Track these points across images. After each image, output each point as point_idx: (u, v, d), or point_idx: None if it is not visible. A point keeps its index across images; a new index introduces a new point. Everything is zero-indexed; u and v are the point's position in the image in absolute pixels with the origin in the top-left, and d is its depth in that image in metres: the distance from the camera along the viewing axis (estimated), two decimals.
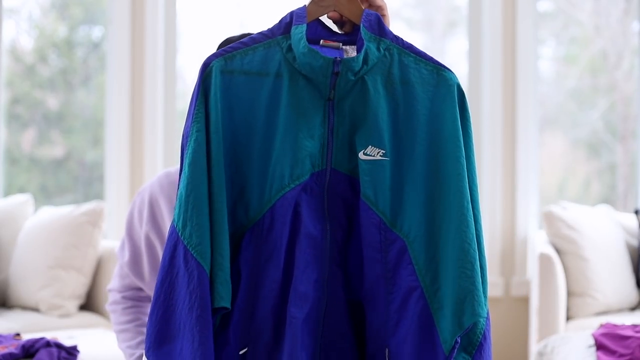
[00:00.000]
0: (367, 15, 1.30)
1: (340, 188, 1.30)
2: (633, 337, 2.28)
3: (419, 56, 1.31)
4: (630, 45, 4.09)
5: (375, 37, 1.30)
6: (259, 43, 1.30)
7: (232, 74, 1.28)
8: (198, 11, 4.13)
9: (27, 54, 4.16)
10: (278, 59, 1.29)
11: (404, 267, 1.27)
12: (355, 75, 1.28)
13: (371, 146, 1.28)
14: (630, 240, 3.48)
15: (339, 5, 1.33)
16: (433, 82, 1.30)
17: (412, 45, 1.33)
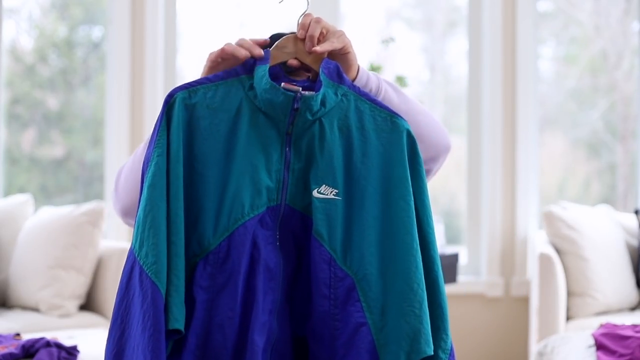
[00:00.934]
0: (326, 63, 1.37)
1: (292, 224, 1.35)
2: (633, 337, 2.28)
3: (374, 104, 1.38)
4: (630, 45, 4.09)
5: (334, 83, 1.36)
6: (222, 80, 1.36)
7: (195, 107, 1.33)
8: (198, 11, 4.13)
9: (27, 54, 4.16)
10: (240, 96, 1.35)
11: (352, 303, 1.30)
12: (313, 115, 1.33)
13: (325, 185, 1.33)
14: (630, 240, 3.48)
15: (300, 52, 1.40)
16: (386, 129, 1.36)
17: (368, 93, 1.40)
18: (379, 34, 4.07)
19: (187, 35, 4.12)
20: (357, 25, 4.17)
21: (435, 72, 4.36)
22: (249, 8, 4.21)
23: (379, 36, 3.54)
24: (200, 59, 1.48)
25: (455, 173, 4.19)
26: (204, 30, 4.18)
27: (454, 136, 4.26)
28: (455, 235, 4.08)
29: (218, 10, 4.16)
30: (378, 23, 4.27)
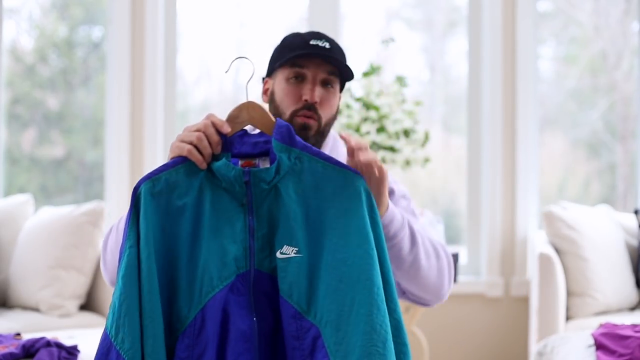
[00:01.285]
0: (278, 128, 1.46)
1: (263, 286, 1.44)
2: (633, 337, 2.28)
3: (327, 162, 1.46)
4: (629, 45, 4.09)
5: (286, 147, 1.45)
6: (181, 164, 1.45)
7: (160, 194, 1.43)
8: (198, 11, 4.13)
9: (28, 54, 4.16)
10: (200, 176, 1.45)
11: (319, 350, 1.40)
12: (269, 183, 1.44)
13: (286, 245, 1.43)
14: (629, 240, 3.48)
15: (252, 120, 1.49)
16: (340, 184, 1.45)
17: (320, 151, 1.47)
18: (379, 34, 4.08)
19: (187, 35, 4.12)
20: (357, 25, 4.17)
21: (435, 72, 4.36)
22: (249, 8, 4.21)
23: (379, 36, 3.55)
24: (200, 59, 1.49)
25: (455, 173, 4.19)
26: (204, 31, 4.18)
27: (454, 136, 4.27)
28: (455, 235, 4.09)
29: (218, 10, 4.16)
30: (378, 23, 4.27)
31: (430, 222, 3.15)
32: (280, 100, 1.72)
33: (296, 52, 1.68)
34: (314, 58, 1.69)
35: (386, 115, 3.17)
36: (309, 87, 1.69)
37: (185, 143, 1.44)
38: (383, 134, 3.17)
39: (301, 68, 1.70)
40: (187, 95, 4.23)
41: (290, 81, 1.71)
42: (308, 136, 1.69)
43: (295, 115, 1.69)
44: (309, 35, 1.72)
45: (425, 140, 3.24)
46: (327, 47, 1.69)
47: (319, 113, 1.70)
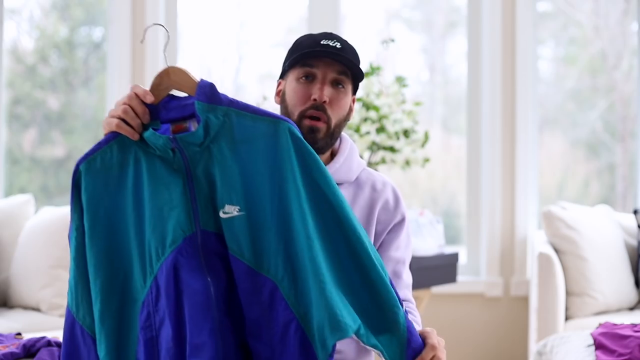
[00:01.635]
0: (201, 88, 1.45)
1: (212, 245, 1.45)
2: (632, 337, 2.29)
3: (255, 113, 1.45)
4: (629, 45, 4.10)
5: (212, 105, 1.44)
6: (114, 139, 1.46)
7: (98, 173, 1.46)
8: (198, 12, 4.14)
9: (28, 55, 4.17)
10: (134, 148, 1.46)
11: (278, 303, 1.41)
12: (201, 145, 1.44)
13: (227, 205, 1.43)
14: (629, 240, 3.49)
15: (176, 84, 1.48)
16: (272, 133, 1.45)
17: (248, 105, 1.46)
18: (379, 34, 4.08)
19: (187, 36, 4.13)
20: (357, 25, 4.17)
21: (435, 73, 4.37)
22: (249, 8, 4.22)
23: (379, 37, 3.55)
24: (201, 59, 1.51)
25: (455, 173, 4.20)
26: (204, 31, 4.19)
27: (454, 136, 4.28)
28: (454, 235, 4.09)
29: (218, 11, 4.17)
30: (378, 24, 4.28)
31: (430, 222, 3.16)
32: (289, 100, 1.71)
33: (306, 50, 1.69)
34: (324, 57, 1.68)
35: (386, 115, 3.18)
36: (318, 87, 1.68)
37: (114, 118, 1.45)
38: (383, 134, 3.18)
39: (311, 67, 1.69)
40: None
41: (300, 81, 1.70)
42: (317, 139, 1.68)
43: (303, 117, 1.69)
44: (321, 35, 1.72)
45: (425, 141, 3.25)
46: (338, 47, 1.68)
47: (328, 113, 1.69)
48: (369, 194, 1.77)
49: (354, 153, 1.80)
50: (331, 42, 1.69)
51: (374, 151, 3.18)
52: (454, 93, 4.24)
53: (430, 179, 4.23)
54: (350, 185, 1.77)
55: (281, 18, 4.20)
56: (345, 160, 1.77)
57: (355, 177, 1.78)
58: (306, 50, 1.69)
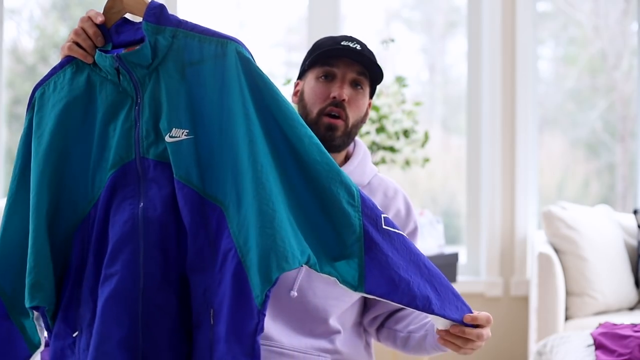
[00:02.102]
0: (150, 10, 1.41)
1: (151, 173, 1.41)
2: (632, 337, 2.29)
3: (203, 34, 1.41)
4: (629, 45, 4.10)
5: (160, 27, 1.40)
6: (68, 64, 1.46)
7: (50, 98, 1.45)
8: (198, 11, 4.14)
9: (28, 55, 4.17)
10: (86, 72, 1.45)
11: (223, 230, 1.35)
12: (149, 67, 1.40)
13: (175, 128, 1.38)
14: (629, 240, 3.49)
15: (127, 7, 1.45)
16: (220, 54, 1.39)
17: (197, 25, 1.42)
18: (379, 34, 4.08)
19: None
20: (357, 25, 4.18)
21: (435, 73, 4.37)
22: (249, 8, 4.22)
23: (378, 37, 3.55)
24: None
25: (454, 173, 4.20)
26: None
27: (454, 136, 4.28)
28: (454, 235, 4.09)
29: (218, 10, 4.17)
30: (378, 24, 4.28)
31: (430, 222, 3.16)
32: (308, 99, 1.73)
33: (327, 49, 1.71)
34: (344, 57, 1.71)
35: (386, 115, 3.18)
36: (338, 85, 1.70)
37: (69, 43, 1.45)
38: (383, 134, 3.18)
39: (331, 67, 1.71)
40: None
41: (320, 80, 1.72)
42: (334, 137, 1.70)
43: (322, 114, 1.70)
44: (341, 37, 1.75)
45: (425, 141, 3.25)
46: (357, 49, 1.70)
47: (347, 111, 1.71)
48: (380, 200, 1.79)
49: (368, 158, 1.82)
50: (351, 43, 1.71)
51: (374, 151, 3.18)
52: (453, 93, 4.25)
53: (430, 179, 4.23)
54: (363, 189, 1.78)
55: (281, 18, 4.20)
56: (359, 163, 1.79)
57: (367, 182, 1.80)
58: (327, 49, 1.71)
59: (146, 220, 1.39)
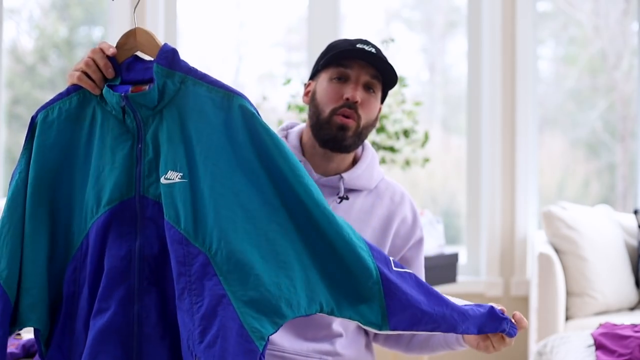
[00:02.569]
0: (163, 53, 1.43)
1: (149, 212, 1.43)
2: (632, 337, 2.28)
3: (211, 85, 1.43)
4: (629, 45, 4.10)
5: (170, 71, 1.43)
6: (75, 92, 1.46)
7: (53, 122, 1.45)
8: (198, 11, 4.13)
9: (28, 55, 4.17)
10: (93, 104, 1.46)
11: (209, 278, 1.36)
12: (154, 109, 1.42)
13: (170, 171, 1.40)
14: (629, 240, 3.48)
15: (140, 46, 1.48)
16: (225, 107, 1.42)
17: (206, 75, 1.44)
18: (379, 34, 4.08)
19: (187, 36, 4.13)
20: (357, 25, 4.17)
21: (435, 73, 4.37)
22: (249, 8, 4.22)
23: (379, 37, 3.55)
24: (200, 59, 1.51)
25: (454, 173, 4.20)
26: (204, 31, 4.19)
27: (454, 136, 4.28)
28: (454, 235, 4.09)
29: (218, 10, 4.17)
30: (378, 24, 4.28)
31: (430, 222, 3.16)
32: (320, 99, 1.73)
33: (342, 53, 1.71)
34: (358, 60, 1.71)
35: (386, 115, 3.18)
36: (352, 87, 1.71)
37: (77, 71, 1.45)
38: (383, 134, 3.18)
39: (345, 68, 1.71)
40: None
41: (333, 81, 1.72)
42: (346, 137, 1.71)
43: (334, 114, 1.71)
44: (356, 40, 1.75)
45: (425, 141, 3.25)
46: (372, 52, 1.71)
47: (360, 113, 1.71)
48: (387, 204, 1.80)
49: (375, 162, 1.83)
50: (366, 46, 1.72)
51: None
52: (453, 93, 4.24)
53: (430, 179, 4.22)
54: (370, 193, 1.79)
55: (281, 18, 4.20)
56: (367, 167, 1.79)
57: (374, 186, 1.80)
58: (341, 50, 1.71)
59: (142, 258, 1.41)
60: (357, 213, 1.76)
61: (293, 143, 1.79)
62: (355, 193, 1.78)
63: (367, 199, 1.79)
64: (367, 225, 1.76)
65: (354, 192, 1.78)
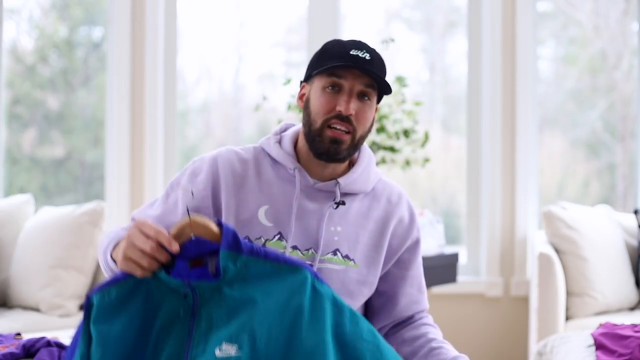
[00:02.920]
0: (225, 236, 1.44)
1: None
2: (632, 337, 2.28)
3: (275, 261, 1.44)
4: (629, 45, 4.10)
5: (233, 253, 1.44)
6: (130, 277, 1.45)
7: (109, 306, 1.45)
8: (198, 11, 4.14)
9: (28, 54, 4.17)
10: (149, 283, 1.45)
11: None
12: (212, 288, 1.43)
13: (226, 343, 1.40)
14: (629, 240, 3.49)
15: (196, 230, 1.46)
16: (288, 281, 1.43)
17: (269, 252, 1.45)
18: (379, 34, 4.08)
19: (187, 36, 4.13)
20: (357, 25, 4.17)
21: (435, 73, 4.37)
22: (249, 8, 4.22)
23: (378, 37, 3.55)
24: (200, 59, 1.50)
25: (455, 173, 4.20)
26: (204, 31, 4.19)
27: (454, 136, 4.28)
28: (455, 235, 4.09)
29: (218, 10, 4.17)
30: (378, 24, 4.28)
31: (430, 222, 3.16)
32: (313, 107, 1.69)
33: (335, 61, 1.65)
34: (353, 69, 1.65)
35: (386, 115, 3.18)
36: (345, 99, 1.66)
37: (136, 265, 1.43)
38: (383, 134, 3.18)
39: (338, 78, 1.66)
40: (187, 95, 4.24)
41: (327, 90, 1.67)
42: (340, 150, 1.67)
43: (326, 126, 1.67)
44: (350, 44, 1.69)
45: (425, 141, 3.25)
46: (367, 59, 1.66)
47: (354, 125, 1.67)
48: (384, 206, 1.77)
49: (372, 163, 1.79)
50: (360, 52, 1.66)
51: (374, 151, 3.18)
52: (453, 93, 4.24)
53: (430, 179, 4.23)
54: (367, 196, 1.76)
55: (281, 18, 4.20)
56: (364, 170, 1.76)
57: (371, 188, 1.77)
58: (335, 59, 1.66)
59: None
60: (354, 217, 1.74)
61: (287, 149, 1.74)
62: (351, 196, 1.75)
63: (363, 201, 1.76)
64: (364, 228, 1.73)
65: (350, 195, 1.75)
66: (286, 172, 1.72)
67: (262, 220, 1.68)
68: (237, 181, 1.71)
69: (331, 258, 1.68)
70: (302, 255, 1.67)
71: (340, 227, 1.71)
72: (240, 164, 1.73)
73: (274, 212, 1.68)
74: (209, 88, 4.32)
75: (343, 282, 1.69)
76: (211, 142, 4.30)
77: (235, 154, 1.75)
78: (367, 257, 1.72)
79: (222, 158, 1.74)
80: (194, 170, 1.75)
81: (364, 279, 1.72)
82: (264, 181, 1.71)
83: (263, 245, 1.65)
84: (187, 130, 4.29)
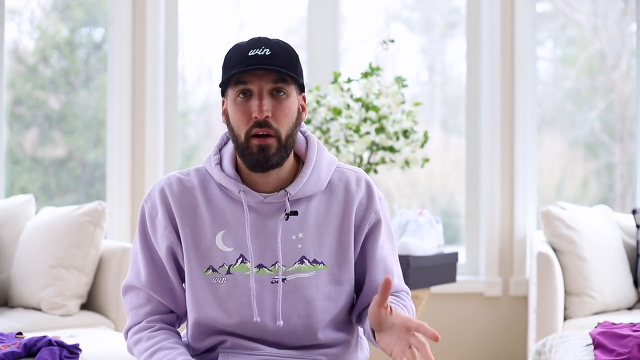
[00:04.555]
0: None
1: None
2: (631, 336, 2.29)
3: None
4: (627, 46, 4.11)
5: None
6: None
7: None
8: (199, 12, 4.15)
9: (29, 55, 4.18)
10: None
11: None
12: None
13: None
14: (627, 240, 3.50)
15: None
16: None
17: None
18: (379, 35, 4.09)
19: (188, 36, 4.14)
20: (357, 26, 4.18)
21: (434, 73, 4.38)
22: (249, 8, 4.23)
23: (378, 37, 3.56)
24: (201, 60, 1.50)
25: (454, 173, 4.21)
26: (204, 31, 4.20)
27: (453, 136, 4.29)
28: (454, 235, 4.10)
29: (218, 11, 4.18)
30: (377, 24, 4.29)
31: (430, 222, 3.17)
32: (234, 123, 1.62)
33: (235, 68, 1.58)
34: (255, 70, 1.58)
35: (385, 115, 3.19)
36: (257, 103, 1.57)
37: None
38: (382, 134, 3.19)
39: (245, 84, 1.59)
40: (187, 95, 4.25)
41: (238, 100, 1.60)
42: (268, 156, 1.59)
43: (250, 137, 1.59)
44: (249, 44, 1.62)
45: (424, 141, 3.26)
46: (267, 55, 1.58)
47: (274, 127, 1.58)
48: (343, 196, 1.68)
49: (323, 158, 1.69)
50: (259, 50, 1.59)
51: (373, 151, 3.19)
52: (453, 93, 4.26)
53: (429, 179, 4.24)
54: (323, 193, 1.68)
55: (281, 18, 4.21)
56: (313, 170, 1.66)
57: (326, 185, 1.68)
58: (235, 65, 1.59)
59: None
60: (314, 218, 1.66)
61: (228, 171, 1.66)
62: (307, 199, 1.66)
63: (321, 199, 1.67)
64: (327, 227, 1.66)
65: (304, 199, 1.66)
66: (234, 193, 1.65)
67: (221, 247, 1.63)
68: (189, 212, 1.66)
69: (298, 267, 1.63)
70: (270, 272, 1.63)
71: (302, 233, 1.64)
72: (187, 193, 1.67)
73: (232, 236, 1.63)
74: (210, 88, 4.34)
75: (317, 288, 1.65)
76: (211, 142, 4.31)
77: (179, 183, 1.68)
78: (336, 256, 1.66)
79: (169, 190, 1.67)
80: (150, 214, 1.69)
81: (337, 278, 1.67)
82: (214, 206, 1.65)
83: (227, 273, 1.63)
84: (188, 131, 4.30)
